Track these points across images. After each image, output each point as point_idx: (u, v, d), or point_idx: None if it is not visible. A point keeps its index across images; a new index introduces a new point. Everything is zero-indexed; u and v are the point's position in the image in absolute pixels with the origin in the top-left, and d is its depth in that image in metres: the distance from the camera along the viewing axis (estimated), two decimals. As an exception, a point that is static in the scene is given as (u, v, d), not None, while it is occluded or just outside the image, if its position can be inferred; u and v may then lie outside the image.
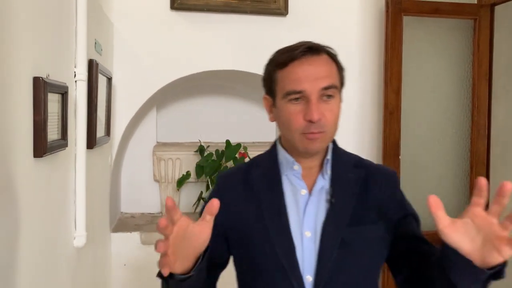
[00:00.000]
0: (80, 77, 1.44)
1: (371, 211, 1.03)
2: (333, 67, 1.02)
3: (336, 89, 1.00)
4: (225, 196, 1.02)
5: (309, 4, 2.50)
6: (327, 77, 0.98)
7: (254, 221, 1.03)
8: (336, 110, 1.00)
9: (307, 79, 0.97)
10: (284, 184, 1.05)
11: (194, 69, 2.45)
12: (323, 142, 1.01)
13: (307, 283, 0.98)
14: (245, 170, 1.11)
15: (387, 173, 1.11)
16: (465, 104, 2.64)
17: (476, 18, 2.57)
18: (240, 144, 2.60)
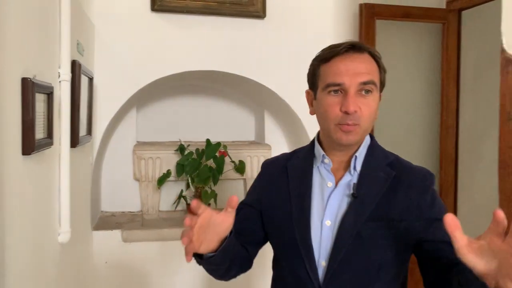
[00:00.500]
0: (64, 78, 1.48)
1: (394, 210, 1.05)
2: (374, 66, 1.08)
3: (374, 85, 1.06)
4: (264, 179, 1.21)
5: (286, 8, 2.58)
6: (366, 73, 1.05)
7: (282, 205, 1.13)
8: (373, 105, 1.06)
9: (347, 73, 1.03)
10: (314, 175, 1.13)
11: (174, 70, 2.50)
12: (357, 135, 1.06)
13: (320, 267, 1.06)
14: (286, 158, 1.22)
15: (420, 174, 1.11)
16: (434, 105, 2.77)
17: (445, 22, 2.70)
18: (220, 143, 2.66)
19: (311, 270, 1.05)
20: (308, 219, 1.08)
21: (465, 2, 2.63)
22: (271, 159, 1.29)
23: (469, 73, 2.78)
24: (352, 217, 1.05)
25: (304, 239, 1.07)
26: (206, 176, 2.54)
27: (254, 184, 1.27)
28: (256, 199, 1.21)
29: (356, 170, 1.10)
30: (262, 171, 1.26)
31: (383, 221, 1.04)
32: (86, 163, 2.16)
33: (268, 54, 2.60)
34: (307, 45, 2.63)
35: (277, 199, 1.16)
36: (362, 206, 1.05)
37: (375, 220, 1.04)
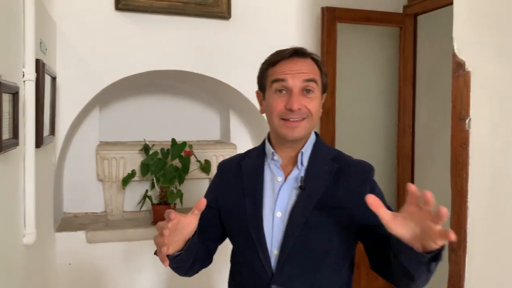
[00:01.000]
0: (28, 77, 1.46)
1: (338, 200, 1.15)
2: (316, 69, 1.19)
3: (316, 84, 1.16)
4: (221, 179, 1.31)
5: (251, 9, 2.63)
6: (309, 72, 1.15)
7: (237, 201, 1.22)
8: (316, 103, 1.16)
9: (291, 72, 1.14)
10: (266, 172, 1.22)
11: (138, 69, 2.49)
12: (303, 130, 1.15)
13: (272, 256, 1.15)
14: (240, 158, 1.31)
15: (360, 167, 1.22)
16: (392, 105, 2.90)
17: (402, 26, 2.83)
18: (186, 143, 2.67)
19: (264, 259, 1.14)
20: (260, 212, 1.17)
21: (421, 7, 2.76)
22: (226, 159, 1.38)
23: (424, 75, 2.92)
24: (300, 207, 1.14)
25: (257, 230, 1.16)
26: (172, 176, 2.55)
27: (211, 184, 1.36)
28: (214, 198, 1.28)
29: (303, 165, 1.19)
30: (218, 171, 1.35)
31: (328, 209, 1.14)
32: (49, 163, 2.12)
33: (233, 54, 2.63)
34: (271, 46, 2.63)
35: (232, 196, 1.25)
36: (309, 197, 1.15)
37: (321, 209, 1.14)
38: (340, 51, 2.71)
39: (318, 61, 1.21)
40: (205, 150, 2.95)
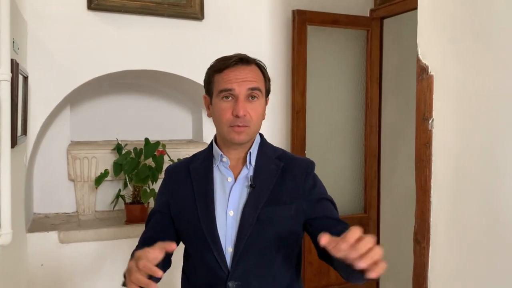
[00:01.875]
0: (4, 77, 1.45)
1: (285, 195, 1.22)
2: (260, 75, 1.25)
3: (260, 92, 1.22)
4: (170, 183, 1.32)
5: (223, 10, 2.67)
6: (253, 81, 1.21)
7: (188, 204, 1.25)
8: (259, 109, 1.23)
9: (237, 81, 1.19)
10: (215, 173, 1.26)
11: (110, 69, 2.49)
12: (247, 135, 1.22)
13: (227, 254, 1.19)
14: (187, 162, 1.33)
15: (302, 163, 1.29)
16: (359, 105, 3.01)
17: (369, 29, 2.94)
18: (159, 142, 2.68)
19: (219, 257, 1.18)
20: (212, 212, 1.21)
21: (387, 11, 2.88)
22: (173, 164, 1.41)
23: (390, 76, 3.05)
24: (251, 205, 1.20)
25: (210, 229, 1.20)
26: (145, 175, 2.56)
27: (160, 190, 1.37)
28: (164, 203, 1.31)
29: (251, 165, 1.26)
30: (167, 177, 1.36)
31: (277, 205, 1.21)
32: (21, 164, 2.10)
33: (206, 55, 2.62)
34: (243, 47, 2.70)
35: (183, 200, 1.27)
36: (259, 194, 1.21)
37: (270, 205, 1.20)
38: (310, 53, 2.79)
39: (262, 67, 1.27)
40: (178, 149, 2.97)
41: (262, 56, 2.74)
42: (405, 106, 2.91)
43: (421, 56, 1.44)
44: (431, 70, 1.39)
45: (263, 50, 2.78)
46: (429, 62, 1.40)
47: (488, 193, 1.28)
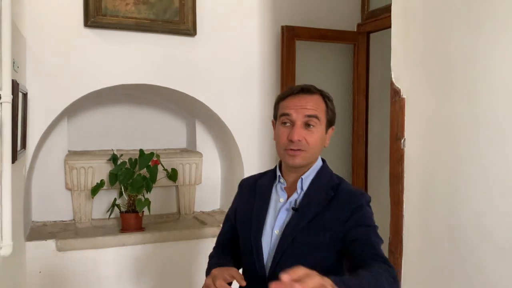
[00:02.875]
0: (5, 99, 1.55)
1: (326, 223, 1.26)
2: (321, 105, 1.32)
3: (317, 119, 1.29)
4: (239, 194, 1.49)
5: (215, 27, 2.78)
6: (311, 109, 1.28)
7: (246, 215, 1.39)
8: (316, 136, 1.29)
9: (295, 107, 1.29)
10: (273, 192, 1.37)
11: (106, 83, 2.59)
12: (302, 159, 1.29)
13: (267, 267, 1.30)
14: (257, 177, 1.47)
15: (352, 195, 1.30)
16: (347, 116, 3.11)
17: (355, 44, 3.05)
18: (153, 153, 2.78)
19: (260, 270, 1.30)
20: (261, 228, 1.33)
21: (373, 26, 3.00)
22: (246, 177, 1.55)
23: (376, 88, 3.16)
24: (290, 227, 1.28)
25: (256, 243, 1.32)
26: (140, 185, 2.66)
27: (234, 198, 1.54)
28: (233, 211, 1.50)
29: (302, 190, 1.33)
30: (239, 188, 1.52)
31: (314, 231, 1.26)
32: (21, 176, 2.20)
33: (199, 69, 2.78)
34: (234, 61, 2.86)
35: (244, 211, 1.41)
36: (300, 218, 1.28)
37: (308, 230, 1.26)
38: (299, 67, 2.90)
39: (326, 98, 1.34)
40: (172, 158, 3.07)
41: (252, 71, 2.91)
42: (390, 117, 3.02)
43: (394, 80, 1.55)
44: (403, 93, 1.50)
45: (253, 65, 2.89)
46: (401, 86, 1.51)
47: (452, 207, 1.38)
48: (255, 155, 2.95)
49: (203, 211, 3.26)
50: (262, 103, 2.94)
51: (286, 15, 2.92)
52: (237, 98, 2.88)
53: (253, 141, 2.94)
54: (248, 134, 2.93)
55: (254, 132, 2.93)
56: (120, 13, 2.53)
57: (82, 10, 2.48)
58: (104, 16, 2.50)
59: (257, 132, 2.95)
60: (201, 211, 3.25)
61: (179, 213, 3.17)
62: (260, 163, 2.93)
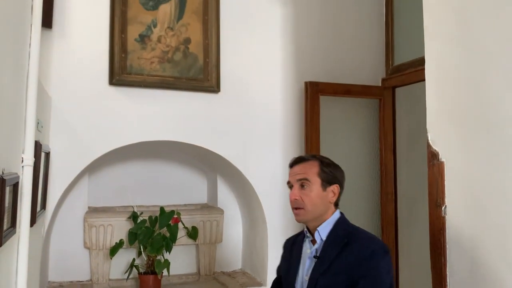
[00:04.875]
0: (27, 163, 1.52)
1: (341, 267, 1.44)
2: (313, 168, 1.55)
3: (308, 181, 1.54)
4: (283, 252, 1.73)
5: (239, 83, 2.77)
6: (301, 173, 1.55)
7: (286, 268, 1.65)
8: (311, 195, 1.53)
9: (292, 175, 1.59)
10: (304, 245, 1.60)
11: (129, 141, 2.57)
12: (304, 216, 1.54)
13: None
14: (296, 235, 1.71)
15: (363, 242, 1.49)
16: (375, 172, 3.00)
17: (381, 98, 3.00)
18: (174, 211, 2.71)
19: None
20: (295, 275, 1.57)
21: (398, 80, 2.95)
22: (288, 238, 1.77)
23: (403, 144, 3.06)
24: (314, 273, 1.49)
25: None
26: (160, 245, 2.57)
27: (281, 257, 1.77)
28: (280, 266, 1.75)
29: (322, 240, 1.53)
30: (283, 248, 1.75)
31: (333, 274, 1.44)
32: (39, 237, 2.14)
33: (221, 125, 2.74)
34: (257, 117, 2.82)
35: (285, 265, 1.68)
36: (321, 264, 1.48)
37: (328, 274, 1.45)
38: (323, 122, 2.84)
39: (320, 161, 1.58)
40: (193, 215, 2.99)
41: (275, 127, 2.85)
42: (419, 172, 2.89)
43: (431, 142, 1.46)
44: (441, 157, 1.41)
45: (276, 120, 2.85)
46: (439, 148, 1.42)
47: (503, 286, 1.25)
48: (278, 212, 2.84)
49: (224, 271, 3.12)
50: (285, 159, 2.86)
51: (310, 71, 2.90)
52: (260, 154, 2.82)
53: (276, 198, 2.84)
54: (271, 191, 2.83)
55: (277, 189, 2.84)
56: (145, 71, 2.55)
57: (108, 68, 2.50)
58: (129, 74, 2.52)
59: (280, 189, 2.85)
60: (221, 271, 3.11)
61: (199, 273, 3.03)
62: (283, 221, 2.82)
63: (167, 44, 2.60)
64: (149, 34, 2.57)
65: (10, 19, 1.33)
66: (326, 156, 1.65)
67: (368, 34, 3.09)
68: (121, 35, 2.51)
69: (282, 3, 2.91)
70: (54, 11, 2.40)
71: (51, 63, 2.40)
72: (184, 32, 2.63)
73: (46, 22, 2.33)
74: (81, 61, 2.48)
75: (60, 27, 2.43)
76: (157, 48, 2.58)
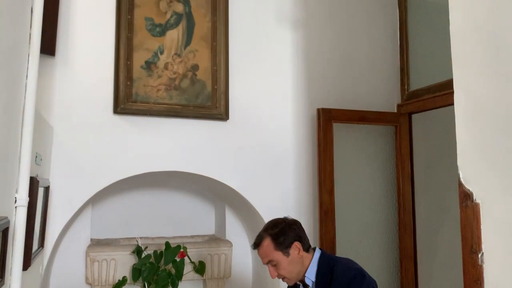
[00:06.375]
0: (20, 203, 1.40)
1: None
2: (269, 247, 1.77)
3: (273, 260, 1.76)
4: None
5: (248, 110, 2.66)
6: (265, 257, 1.79)
7: None
8: (282, 267, 1.76)
9: (261, 258, 1.83)
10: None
11: (134, 171, 2.45)
12: (290, 281, 1.82)
13: None
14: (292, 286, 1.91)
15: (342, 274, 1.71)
16: (391, 202, 2.85)
17: (397, 125, 2.86)
18: (180, 246, 2.57)
19: None
20: None
21: (415, 107, 2.82)
22: None
23: (421, 172, 2.91)
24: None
25: None
26: (165, 282, 2.43)
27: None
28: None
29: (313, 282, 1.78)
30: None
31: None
32: (36, 276, 2.00)
33: (230, 154, 2.62)
34: (267, 146, 2.70)
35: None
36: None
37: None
38: (337, 149, 2.71)
39: (271, 236, 1.78)
40: (200, 248, 2.84)
41: (286, 156, 2.72)
42: (437, 203, 2.74)
43: (463, 181, 1.32)
44: (476, 198, 1.26)
45: (288, 148, 2.72)
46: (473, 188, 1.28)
47: None
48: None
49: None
50: (297, 189, 2.72)
51: (322, 97, 2.79)
52: (270, 184, 2.68)
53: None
54: (282, 223, 2.68)
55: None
56: (151, 99, 2.45)
57: (112, 96, 2.40)
58: (134, 102, 2.42)
59: (292, 221, 2.70)
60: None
61: (207, 310, 2.87)
62: (296, 255, 2.66)
63: (174, 71, 2.50)
64: (155, 61, 2.48)
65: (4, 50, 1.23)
66: (273, 220, 1.86)
67: (382, 58, 2.99)
68: (127, 62, 2.42)
69: (292, 27, 2.81)
70: (57, 38, 2.31)
71: (53, 92, 2.31)
72: (192, 58, 2.54)
73: (49, 49, 2.25)
74: (84, 89, 2.38)
75: (63, 54, 2.34)
76: (163, 75, 2.48)
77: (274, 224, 1.83)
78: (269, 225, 1.85)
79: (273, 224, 1.83)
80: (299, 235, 1.81)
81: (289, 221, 1.86)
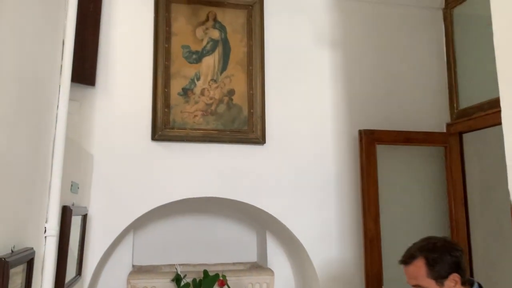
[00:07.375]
0: (50, 233, 1.40)
1: None
2: (421, 269, 1.56)
3: (421, 287, 1.56)
4: None
5: (285, 134, 2.59)
6: (413, 279, 1.59)
7: None
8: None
9: (406, 276, 1.63)
10: None
11: (172, 198, 2.44)
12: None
13: None
14: None
15: None
16: (444, 230, 2.65)
17: (447, 146, 2.68)
18: (218, 275, 2.51)
19: None
20: None
21: (465, 126, 2.63)
22: None
23: (476, 196, 2.70)
24: None
25: None
26: (203, 312, 2.36)
27: None
28: None
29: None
30: None
31: None
32: (73, 306, 2.00)
33: (267, 179, 2.56)
34: (306, 170, 2.60)
35: None
36: None
37: None
38: (381, 173, 2.57)
39: (424, 259, 1.56)
40: (240, 276, 2.76)
41: (327, 180, 2.60)
42: (497, 229, 2.51)
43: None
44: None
45: (328, 173, 2.61)
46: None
47: None
48: (333, 276, 2.55)
49: None
50: (340, 215, 2.60)
51: (364, 118, 2.67)
52: (310, 210, 2.58)
53: (331, 260, 2.56)
54: (325, 251, 2.56)
55: (331, 249, 2.57)
56: (188, 125, 2.45)
57: (150, 124, 2.43)
58: (171, 129, 2.43)
59: (335, 250, 2.58)
60: None
61: None
62: (339, 285, 2.52)
63: (211, 97, 2.50)
64: (192, 87, 2.49)
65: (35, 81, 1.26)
66: (432, 238, 1.64)
67: (428, 76, 2.83)
68: (164, 90, 2.45)
69: (331, 46, 2.74)
70: (98, 69, 2.38)
71: (94, 121, 2.36)
72: (228, 83, 2.53)
73: (90, 80, 2.33)
74: (123, 117, 2.42)
75: (103, 84, 2.40)
76: (200, 101, 2.49)
77: (433, 245, 1.59)
78: (426, 245, 1.60)
79: (432, 245, 1.59)
80: (459, 265, 1.56)
81: (451, 246, 1.60)
